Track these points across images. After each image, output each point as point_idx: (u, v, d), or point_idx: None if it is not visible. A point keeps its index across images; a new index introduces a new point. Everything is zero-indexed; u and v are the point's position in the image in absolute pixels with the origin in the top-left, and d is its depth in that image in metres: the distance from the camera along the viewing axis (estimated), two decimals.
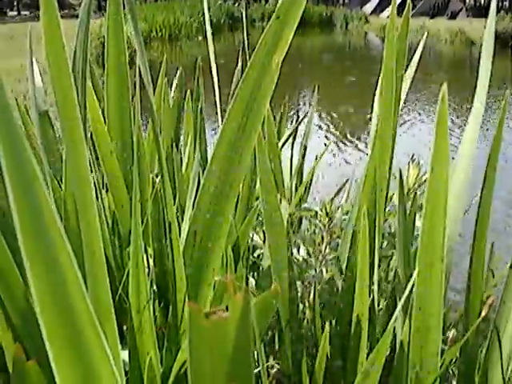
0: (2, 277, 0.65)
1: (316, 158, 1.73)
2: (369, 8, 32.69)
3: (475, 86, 0.75)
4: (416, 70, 1.18)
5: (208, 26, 1.18)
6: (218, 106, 1.12)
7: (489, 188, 0.77)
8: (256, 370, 0.76)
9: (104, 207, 1.06)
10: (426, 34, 1.34)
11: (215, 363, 0.37)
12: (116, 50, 0.99)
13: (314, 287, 1.04)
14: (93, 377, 0.34)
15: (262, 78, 0.70)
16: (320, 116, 7.98)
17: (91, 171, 0.72)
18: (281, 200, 0.88)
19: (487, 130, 5.66)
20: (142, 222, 0.93)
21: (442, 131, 0.52)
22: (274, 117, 1.36)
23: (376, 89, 0.97)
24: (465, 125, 0.77)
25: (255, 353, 0.67)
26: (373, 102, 1.03)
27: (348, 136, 7.04)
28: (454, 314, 1.31)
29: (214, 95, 1.14)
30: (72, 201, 0.75)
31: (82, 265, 0.47)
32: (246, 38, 1.22)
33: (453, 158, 0.70)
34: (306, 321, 1.12)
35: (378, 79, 0.92)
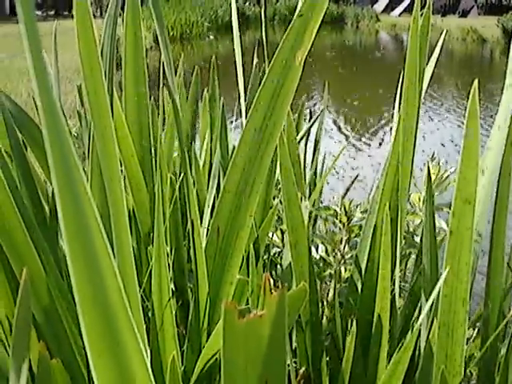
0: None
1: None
2: (379, 6, 32.64)
3: (503, 81, 0.74)
4: (434, 69, 1.18)
5: (235, 21, 1.17)
6: (243, 101, 1.11)
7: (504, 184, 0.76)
8: None
9: None
10: (444, 33, 1.32)
11: (249, 362, 0.37)
12: (134, 47, 0.99)
13: (334, 286, 1.03)
14: (129, 380, 0.34)
15: (285, 74, 0.69)
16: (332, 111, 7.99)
17: None
18: (302, 199, 0.88)
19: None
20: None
21: (473, 127, 0.51)
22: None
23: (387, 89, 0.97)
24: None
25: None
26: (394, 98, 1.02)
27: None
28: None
29: (238, 91, 1.14)
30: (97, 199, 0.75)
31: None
32: (264, 36, 1.22)
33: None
34: (325, 320, 1.12)
35: (387, 76, 0.91)
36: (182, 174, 1.16)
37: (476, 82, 0.50)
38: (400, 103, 0.93)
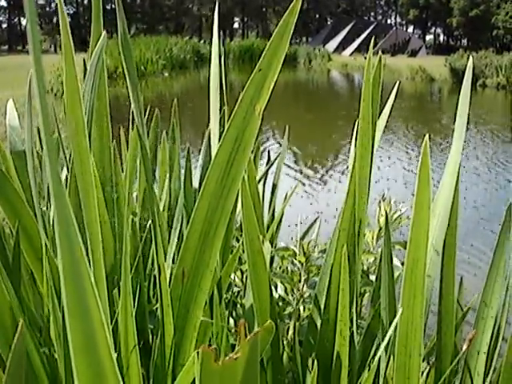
0: None
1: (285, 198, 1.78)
2: (331, 46, 33.51)
3: (455, 121, 0.80)
4: (390, 113, 1.23)
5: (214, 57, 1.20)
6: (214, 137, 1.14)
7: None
8: None
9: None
10: (397, 83, 1.39)
11: None
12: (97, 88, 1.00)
13: (294, 325, 1.06)
14: None
15: (245, 125, 0.73)
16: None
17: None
18: (263, 241, 0.91)
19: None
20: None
21: (424, 178, 0.56)
22: None
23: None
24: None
25: None
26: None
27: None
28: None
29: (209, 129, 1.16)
30: None
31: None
32: (224, 80, 1.26)
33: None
34: (285, 358, 1.14)
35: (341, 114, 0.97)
36: (141, 214, 1.18)
37: (427, 136, 0.54)
38: (355, 145, 0.98)
